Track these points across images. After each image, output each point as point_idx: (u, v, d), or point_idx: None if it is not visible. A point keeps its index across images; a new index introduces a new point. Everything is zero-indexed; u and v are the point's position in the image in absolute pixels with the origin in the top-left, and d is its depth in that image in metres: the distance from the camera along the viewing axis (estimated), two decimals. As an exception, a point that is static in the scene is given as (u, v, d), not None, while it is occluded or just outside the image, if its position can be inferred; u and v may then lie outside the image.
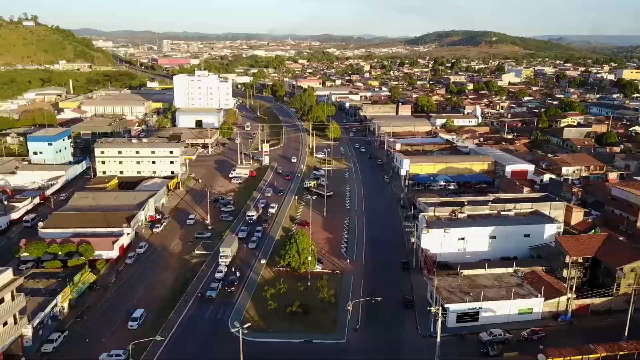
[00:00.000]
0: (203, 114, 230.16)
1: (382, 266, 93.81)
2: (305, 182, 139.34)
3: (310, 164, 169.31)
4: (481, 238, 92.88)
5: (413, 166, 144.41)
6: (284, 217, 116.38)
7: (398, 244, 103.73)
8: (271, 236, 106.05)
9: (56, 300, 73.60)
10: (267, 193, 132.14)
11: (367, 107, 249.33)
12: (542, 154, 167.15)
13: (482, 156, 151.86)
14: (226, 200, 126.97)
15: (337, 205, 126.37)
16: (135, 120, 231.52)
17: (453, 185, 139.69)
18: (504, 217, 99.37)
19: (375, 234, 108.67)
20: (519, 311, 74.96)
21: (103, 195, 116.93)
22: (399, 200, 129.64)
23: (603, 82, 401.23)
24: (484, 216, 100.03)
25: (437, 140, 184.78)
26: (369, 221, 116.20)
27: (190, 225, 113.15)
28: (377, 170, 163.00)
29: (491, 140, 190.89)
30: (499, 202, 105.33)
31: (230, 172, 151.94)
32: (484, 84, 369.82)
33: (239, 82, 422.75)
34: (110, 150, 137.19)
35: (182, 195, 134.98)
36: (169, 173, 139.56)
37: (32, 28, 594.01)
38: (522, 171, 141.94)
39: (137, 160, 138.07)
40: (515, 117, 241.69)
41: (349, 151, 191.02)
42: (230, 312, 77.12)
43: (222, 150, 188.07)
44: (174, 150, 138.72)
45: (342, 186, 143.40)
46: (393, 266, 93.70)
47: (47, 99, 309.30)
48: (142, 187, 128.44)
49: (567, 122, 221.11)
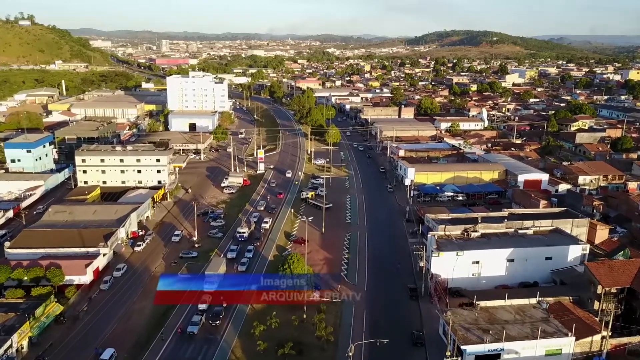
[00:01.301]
0: (197, 117, 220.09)
1: (387, 293, 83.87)
2: (303, 193, 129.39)
3: (309, 171, 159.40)
4: (498, 261, 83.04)
5: (418, 175, 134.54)
6: (279, 234, 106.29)
7: (404, 265, 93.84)
8: (264, 256, 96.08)
9: (11, 340, 63.65)
10: (261, 206, 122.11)
11: (368, 110, 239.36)
12: (554, 161, 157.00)
13: (492, 164, 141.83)
14: (216, 213, 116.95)
15: (337, 219, 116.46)
16: (126, 124, 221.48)
17: (462, 196, 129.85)
18: (522, 237, 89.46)
19: (379, 253, 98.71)
20: (546, 352, 64.92)
21: (81, 209, 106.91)
22: (403, 212, 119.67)
23: (610, 83, 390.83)
24: (500, 235, 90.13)
25: (443, 145, 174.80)
26: (372, 237, 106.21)
27: (175, 242, 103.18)
28: (379, 178, 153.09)
29: (499, 146, 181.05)
30: (515, 219, 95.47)
31: (222, 181, 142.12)
32: (488, 85, 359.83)
33: (236, 82, 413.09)
34: (92, 158, 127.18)
35: (169, 206, 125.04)
36: (155, 183, 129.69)
37: (29, 27, 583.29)
38: (536, 181, 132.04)
39: (121, 169, 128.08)
40: (523, 120, 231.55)
41: (350, 157, 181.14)
42: (213, 353, 67.17)
43: (216, 156, 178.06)
44: (161, 159, 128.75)
45: (342, 196, 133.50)
46: (399, 293, 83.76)
47: (38, 101, 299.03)
48: (125, 199, 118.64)
49: (577, 126, 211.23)
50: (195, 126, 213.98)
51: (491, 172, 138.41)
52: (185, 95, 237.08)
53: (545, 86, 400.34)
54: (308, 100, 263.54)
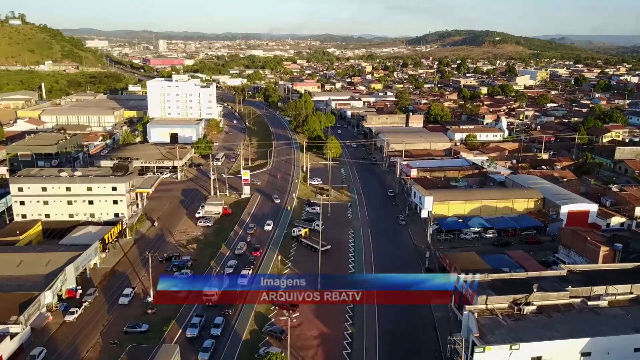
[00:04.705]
0: (179, 126, 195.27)
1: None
2: (294, 229, 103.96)
3: (303, 194, 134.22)
4: (568, 356, 57.97)
5: (437, 205, 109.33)
6: (260, 293, 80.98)
7: (429, 343, 68.77)
8: (237, 333, 70.85)
9: None
10: (240, 249, 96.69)
11: (372, 118, 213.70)
12: (595, 183, 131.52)
13: (526, 190, 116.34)
14: (182, 260, 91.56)
15: (337, 266, 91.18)
16: (99, 134, 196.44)
17: (491, 232, 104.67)
18: (596, 313, 64.27)
19: (394, 326, 73.44)
20: None
21: (2, 260, 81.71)
22: (422, 256, 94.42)
23: (629, 85, 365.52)
24: (563, 309, 64.91)
25: (461, 162, 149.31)
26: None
27: (124, 305, 78.13)
28: (388, 204, 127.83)
29: (526, 162, 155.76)
30: (578, 281, 70.34)
31: (198, 210, 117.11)
32: (499, 88, 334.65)
33: (230, 84, 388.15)
34: (31, 186, 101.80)
35: (128, 246, 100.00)
36: (112, 216, 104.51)
37: (19, 27, 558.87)
38: (582, 212, 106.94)
39: (68, 199, 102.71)
40: (546, 129, 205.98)
41: (352, 174, 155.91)
42: None
43: (196, 174, 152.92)
44: (117, 187, 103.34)
45: (344, 231, 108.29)
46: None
47: (13, 105, 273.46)
48: (69, 239, 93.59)
49: (610, 137, 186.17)
50: (177, 137, 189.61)
51: (525, 200, 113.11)
52: (168, 101, 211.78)
53: (559, 89, 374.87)
54: (305, 105, 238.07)
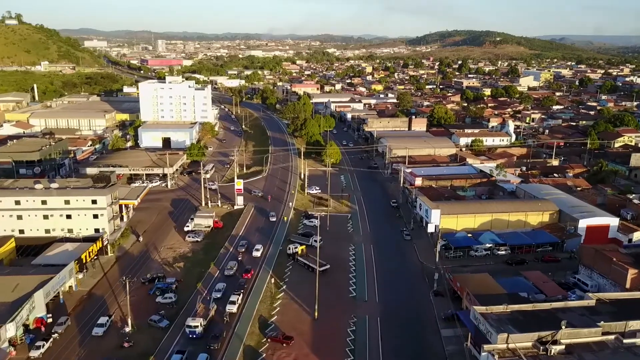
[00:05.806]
0: (172, 130, 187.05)
1: None
2: (290, 246, 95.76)
3: (301, 205, 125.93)
4: (606, 409, 49.84)
5: (445, 219, 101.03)
6: (250, 323, 72.51)
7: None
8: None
9: None
10: (230, 269, 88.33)
11: (373, 121, 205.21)
12: (612, 193, 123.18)
13: (540, 202, 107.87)
14: (166, 282, 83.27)
15: (337, 289, 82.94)
16: (89, 138, 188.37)
17: (504, 249, 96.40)
18: (633, 354, 56.10)
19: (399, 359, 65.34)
20: None
21: (-36, 285, 73.58)
22: (429, 278, 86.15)
23: (636, 87, 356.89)
24: (595, 349, 56.73)
25: (468, 170, 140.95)
26: (387, 326, 72.65)
27: (98, 336, 69.83)
28: (391, 216, 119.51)
29: (536, 170, 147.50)
30: (609, 313, 62.15)
31: (187, 223, 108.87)
32: (503, 90, 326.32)
33: (227, 86, 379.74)
34: (3, 199, 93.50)
35: (109, 265, 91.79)
36: (92, 231, 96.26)
37: (15, 27, 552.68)
38: (602, 227, 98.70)
39: (44, 214, 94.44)
40: (554, 133, 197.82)
41: (352, 182, 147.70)
42: None
43: (188, 182, 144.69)
44: (98, 200, 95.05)
45: (344, 248, 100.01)
46: None
47: (4, 107, 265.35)
48: (43, 259, 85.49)
49: (622, 142, 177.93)
50: (170, 141, 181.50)
51: (540, 213, 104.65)
52: (161, 104, 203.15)
53: (564, 90, 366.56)
54: (304, 108, 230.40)
